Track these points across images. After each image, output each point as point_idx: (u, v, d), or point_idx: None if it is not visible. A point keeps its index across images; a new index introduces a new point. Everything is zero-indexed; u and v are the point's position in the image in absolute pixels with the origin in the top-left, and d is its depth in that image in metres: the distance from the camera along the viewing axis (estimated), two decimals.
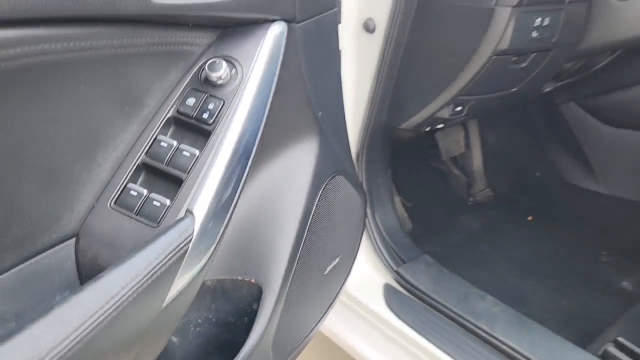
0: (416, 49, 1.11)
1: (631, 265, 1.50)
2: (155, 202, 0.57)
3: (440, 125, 1.31)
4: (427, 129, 1.29)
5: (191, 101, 0.60)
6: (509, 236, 1.69)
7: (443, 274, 1.23)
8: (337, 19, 0.85)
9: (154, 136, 0.59)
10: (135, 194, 0.57)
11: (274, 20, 0.65)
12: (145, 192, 0.57)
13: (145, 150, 0.59)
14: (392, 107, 1.21)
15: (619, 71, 1.43)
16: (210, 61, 0.60)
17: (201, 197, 0.57)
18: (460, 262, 1.51)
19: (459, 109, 1.19)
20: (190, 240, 0.55)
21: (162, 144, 0.59)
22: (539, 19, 1.03)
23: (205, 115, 0.59)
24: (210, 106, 0.60)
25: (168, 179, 0.58)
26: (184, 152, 0.58)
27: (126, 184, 0.58)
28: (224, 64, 0.60)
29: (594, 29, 1.16)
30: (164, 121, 0.60)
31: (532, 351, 1.03)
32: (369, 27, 1.12)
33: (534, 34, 1.05)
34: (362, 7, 1.11)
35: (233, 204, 0.61)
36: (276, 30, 0.65)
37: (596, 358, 1.06)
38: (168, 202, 0.57)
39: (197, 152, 0.58)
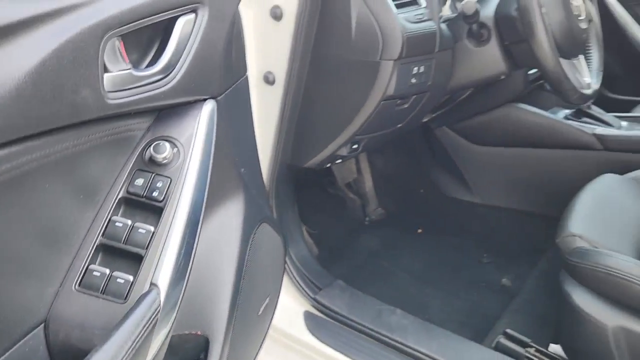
0: (314, 97, 1.23)
1: (507, 264, 1.75)
2: (119, 280, 0.61)
3: (339, 161, 1.44)
4: (328, 165, 1.42)
5: (140, 181, 0.66)
6: (403, 250, 1.87)
7: (357, 296, 1.35)
8: (248, 81, 0.94)
9: (108, 217, 0.64)
10: (98, 274, 0.61)
11: (205, 99, 0.73)
12: (107, 271, 0.62)
13: (102, 231, 0.63)
14: (295, 149, 1.32)
15: (477, 100, 1.68)
16: (154, 144, 0.66)
17: (163, 269, 0.63)
18: (365, 280, 1.65)
19: (355, 146, 1.34)
20: (159, 310, 0.60)
21: (117, 224, 0.64)
22: (416, 68, 1.21)
23: (155, 194, 0.65)
24: (159, 184, 0.66)
25: (128, 256, 0.63)
26: (140, 230, 0.64)
27: (88, 266, 0.61)
28: (167, 145, 0.67)
29: (458, 71, 1.37)
30: (116, 202, 0.65)
31: (442, 353, 1.18)
32: (268, 80, 1.22)
33: (413, 80, 1.22)
34: (262, 62, 1.21)
35: (189, 268, 0.67)
36: (208, 109, 0.73)
37: (491, 350, 1.24)
38: (131, 278, 0.61)
39: (152, 228, 0.64)
